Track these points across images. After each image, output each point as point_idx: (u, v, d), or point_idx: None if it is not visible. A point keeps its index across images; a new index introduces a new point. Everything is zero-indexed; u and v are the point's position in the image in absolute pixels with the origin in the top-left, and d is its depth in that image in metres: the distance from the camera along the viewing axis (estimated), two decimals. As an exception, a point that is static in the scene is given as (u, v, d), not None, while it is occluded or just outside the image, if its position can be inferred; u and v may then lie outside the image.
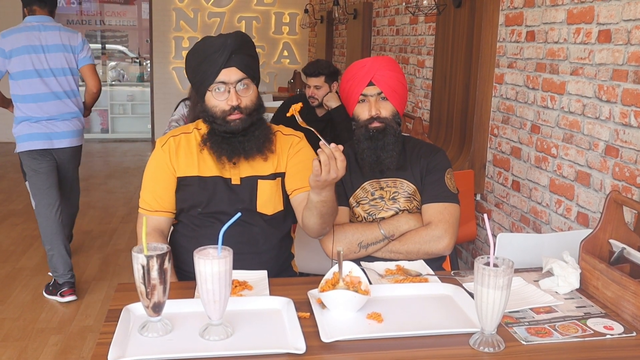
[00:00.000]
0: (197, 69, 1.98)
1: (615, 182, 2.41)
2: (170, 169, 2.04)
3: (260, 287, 1.76)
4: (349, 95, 2.16)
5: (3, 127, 8.89)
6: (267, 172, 2.06)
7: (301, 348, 1.37)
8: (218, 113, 1.97)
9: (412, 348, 1.43)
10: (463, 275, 1.89)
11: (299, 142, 2.11)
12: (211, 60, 1.93)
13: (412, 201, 2.16)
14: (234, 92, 1.95)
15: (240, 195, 2.03)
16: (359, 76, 2.12)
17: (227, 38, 1.95)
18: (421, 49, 4.69)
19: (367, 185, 2.18)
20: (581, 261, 1.80)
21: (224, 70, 1.93)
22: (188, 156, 2.05)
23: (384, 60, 2.14)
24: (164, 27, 9.17)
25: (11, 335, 3.27)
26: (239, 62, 1.95)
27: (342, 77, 2.21)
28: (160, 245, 1.44)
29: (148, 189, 2.06)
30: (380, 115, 2.11)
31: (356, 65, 2.16)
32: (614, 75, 2.41)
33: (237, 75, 1.95)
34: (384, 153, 2.12)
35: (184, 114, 3.71)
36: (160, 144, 2.08)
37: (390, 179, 2.18)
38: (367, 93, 2.12)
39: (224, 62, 1.93)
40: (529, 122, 3.04)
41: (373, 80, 2.10)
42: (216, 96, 1.96)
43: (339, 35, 7.49)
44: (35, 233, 4.98)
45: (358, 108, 2.15)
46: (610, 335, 1.52)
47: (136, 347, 1.38)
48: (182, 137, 2.08)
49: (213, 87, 1.96)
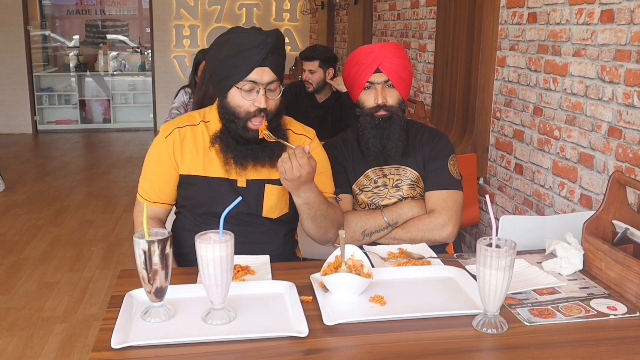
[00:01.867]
0: (225, 62, 1.84)
1: (618, 163, 2.40)
2: (173, 162, 1.95)
3: (262, 272, 1.76)
4: (354, 81, 2.12)
5: (6, 119, 8.91)
6: (275, 176, 1.94)
7: (304, 331, 1.37)
8: (241, 114, 1.85)
9: (414, 330, 1.42)
10: (466, 257, 1.88)
11: (310, 144, 1.99)
12: (246, 56, 1.81)
13: (415, 188, 2.15)
14: (263, 93, 1.83)
15: (245, 198, 1.92)
16: (366, 62, 2.07)
17: (267, 36, 1.83)
18: (422, 33, 4.66)
19: (370, 172, 2.17)
20: (584, 242, 1.80)
21: (258, 69, 1.82)
22: (193, 153, 1.95)
23: (391, 47, 2.10)
24: (164, 15, 9.13)
25: (17, 325, 3.29)
26: (274, 62, 1.84)
27: (346, 61, 2.17)
28: (161, 231, 1.44)
29: (148, 179, 1.99)
30: (386, 103, 2.08)
31: (363, 51, 2.11)
32: (616, 56, 2.39)
33: (269, 77, 1.84)
34: (390, 142, 2.10)
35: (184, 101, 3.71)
36: (164, 133, 1.97)
37: (393, 166, 2.16)
38: (374, 80, 2.08)
39: (260, 60, 1.81)
40: (532, 104, 3.02)
41: (380, 68, 2.06)
42: (244, 95, 1.84)
43: (340, 21, 7.46)
44: (39, 223, 5.00)
45: (363, 95, 2.12)
46: (614, 315, 1.51)
47: (139, 333, 1.38)
48: (187, 130, 1.97)
49: (242, 84, 1.83)
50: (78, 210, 5.40)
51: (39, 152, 8.09)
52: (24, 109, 8.98)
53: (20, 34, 8.72)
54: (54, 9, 10.15)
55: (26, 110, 9.00)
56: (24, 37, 8.74)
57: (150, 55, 9.47)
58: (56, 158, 7.56)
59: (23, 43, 8.75)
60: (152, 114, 9.51)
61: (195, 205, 1.99)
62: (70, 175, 6.71)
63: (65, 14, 10.17)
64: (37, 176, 6.66)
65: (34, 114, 9.07)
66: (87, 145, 8.44)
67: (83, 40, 10.17)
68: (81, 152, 8.11)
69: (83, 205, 5.57)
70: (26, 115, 9.01)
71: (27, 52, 8.81)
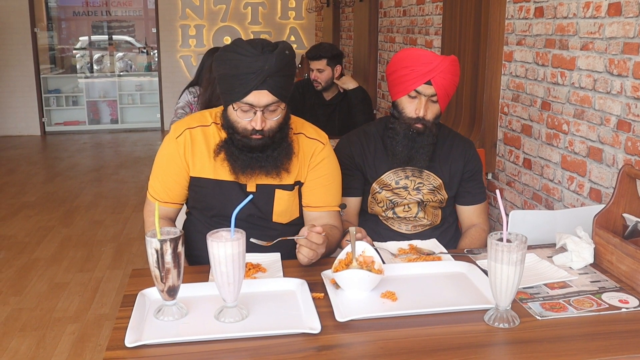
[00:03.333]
0: (224, 79, 1.81)
1: (627, 156, 2.39)
2: (184, 163, 1.94)
3: (273, 269, 1.77)
4: (400, 82, 2.06)
5: (15, 121, 8.95)
6: (285, 182, 1.94)
7: (316, 328, 1.38)
8: (239, 130, 1.84)
9: (427, 325, 1.43)
10: (476, 252, 1.88)
11: (321, 151, 1.98)
12: (242, 79, 1.76)
13: (435, 194, 2.16)
14: (260, 115, 1.79)
15: (256, 203, 1.93)
16: (420, 71, 2.01)
17: (265, 62, 1.74)
18: (429, 29, 4.66)
19: (392, 173, 2.16)
20: (595, 236, 1.79)
21: (255, 92, 1.76)
22: (204, 154, 1.93)
23: (448, 62, 2.03)
24: (170, 15, 9.14)
25: (29, 325, 3.31)
26: (273, 85, 1.77)
27: (397, 58, 2.09)
28: (173, 230, 1.45)
29: (158, 179, 1.99)
30: (426, 117, 2.05)
31: (422, 58, 2.03)
32: (624, 49, 2.38)
33: (268, 99, 1.78)
34: (417, 154, 2.09)
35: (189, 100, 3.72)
36: (175, 133, 1.95)
37: (416, 168, 2.16)
38: (422, 92, 2.03)
39: (256, 85, 1.75)
40: (539, 99, 3.02)
41: (432, 81, 2.01)
42: (240, 115, 1.81)
43: (345, 18, 7.45)
44: (49, 224, 5.03)
45: (405, 100, 2.07)
46: (626, 308, 1.51)
47: (152, 331, 1.39)
48: (198, 131, 1.94)
49: (238, 105, 1.80)
50: (88, 211, 5.43)
51: (47, 153, 8.13)
52: (32, 111, 9.02)
53: (28, 37, 8.75)
54: (60, 11, 10.19)
55: (34, 112, 9.03)
56: (30, 39, 8.77)
57: (157, 56, 9.49)
58: (65, 159, 7.60)
59: (30, 45, 8.78)
60: (160, 114, 9.52)
61: (206, 208, 1.99)
62: (79, 176, 6.74)
63: (72, 15, 10.21)
64: (46, 177, 6.70)
65: (42, 116, 9.11)
66: (95, 146, 8.47)
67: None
68: (89, 153, 8.14)
69: (92, 206, 5.60)
70: (34, 117, 9.04)
71: (34, 54, 8.84)
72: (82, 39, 10.31)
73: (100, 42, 10.36)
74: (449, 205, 2.24)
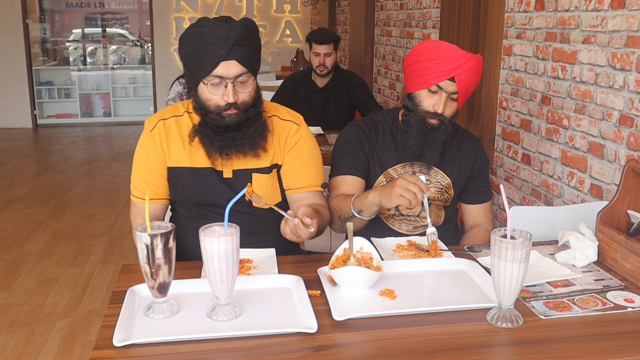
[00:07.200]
0: (192, 56, 1.80)
1: (630, 152, 2.35)
2: (161, 154, 1.92)
3: (268, 266, 1.72)
4: (421, 74, 1.97)
5: (6, 113, 8.86)
6: (262, 165, 1.93)
7: (313, 327, 1.33)
8: (212, 107, 1.82)
9: (427, 325, 1.38)
10: (477, 249, 1.84)
11: (296, 132, 1.97)
12: (209, 51, 1.75)
13: (443, 193, 2.10)
14: (231, 87, 1.78)
15: (234, 189, 1.90)
16: (446, 66, 1.93)
17: (230, 29, 1.74)
18: (426, 23, 4.60)
19: (400, 168, 2.10)
20: (598, 233, 1.75)
21: (223, 63, 1.76)
22: (178, 144, 1.92)
23: (475, 61, 1.96)
24: (164, 8, 9.07)
25: (17, 321, 3.25)
26: (240, 54, 1.76)
27: (420, 48, 2.02)
28: (164, 224, 1.40)
29: (140, 176, 1.96)
30: (444, 113, 1.98)
31: (448, 53, 1.95)
32: (628, 42, 2.33)
33: (237, 70, 1.77)
34: (429, 150, 2.02)
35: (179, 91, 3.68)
36: (149, 126, 1.94)
37: (425, 164, 2.09)
38: (444, 87, 1.95)
39: (224, 54, 1.74)
40: (539, 93, 2.97)
41: (456, 78, 1.93)
42: (211, 90, 1.80)
43: (341, 12, 7.39)
44: (39, 218, 4.96)
45: (424, 94, 1.98)
46: (632, 308, 1.47)
47: (142, 330, 1.34)
48: (172, 121, 1.94)
49: (208, 79, 1.79)
50: (79, 205, 5.36)
51: (39, 146, 8.05)
52: (23, 103, 8.93)
53: (19, 28, 8.66)
54: (52, 3, 10.08)
55: (26, 105, 8.95)
56: (22, 31, 8.68)
57: (151, 49, 9.41)
58: (56, 152, 7.52)
59: (22, 37, 8.69)
60: (153, 107, 9.45)
61: (186, 198, 1.96)
62: (70, 169, 6.67)
63: (65, 7, 10.10)
64: (37, 170, 6.62)
65: (34, 108, 9.02)
66: (87, 139, 8.39)
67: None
68: (82, 146, 8.06)
69: (84, 200, 5.53)
70: (26, 109, 8.96)
71: (26, 46, 8.75)
72: (75, 31, 10.21)
73: (94, 35, 10.26)
74: (453, 204, 2.19)
